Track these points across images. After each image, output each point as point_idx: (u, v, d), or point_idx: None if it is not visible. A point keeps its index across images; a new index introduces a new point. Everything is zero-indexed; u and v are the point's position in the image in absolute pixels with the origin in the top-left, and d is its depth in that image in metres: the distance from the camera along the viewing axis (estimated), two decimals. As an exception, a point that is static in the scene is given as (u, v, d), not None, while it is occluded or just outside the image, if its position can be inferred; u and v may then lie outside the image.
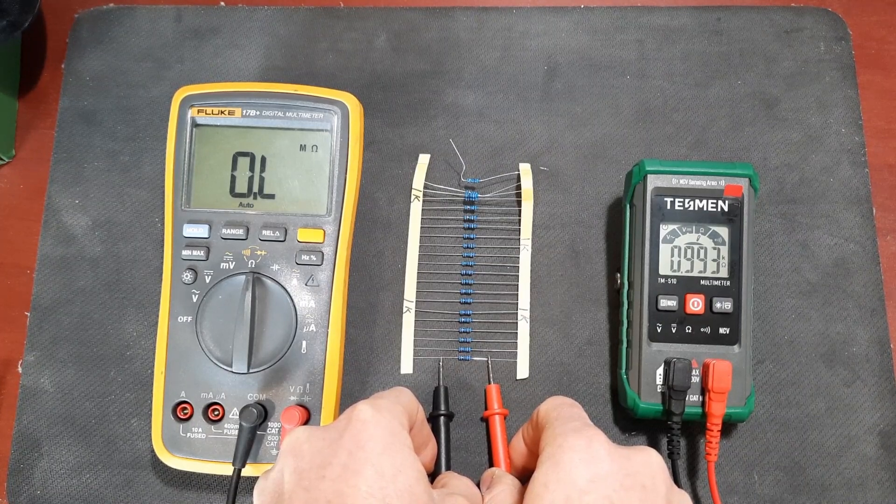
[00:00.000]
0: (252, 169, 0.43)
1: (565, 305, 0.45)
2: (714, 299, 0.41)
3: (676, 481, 0.39)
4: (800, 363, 0.44)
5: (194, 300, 0.42)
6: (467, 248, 0.46)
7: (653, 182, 0.41)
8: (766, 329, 0.45)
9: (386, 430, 0.30)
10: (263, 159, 0.43)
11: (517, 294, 0.45)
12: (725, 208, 0.41)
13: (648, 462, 0.30)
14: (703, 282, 0.41)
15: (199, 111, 0.43)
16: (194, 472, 0.43)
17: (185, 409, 0.41)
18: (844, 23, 0.49)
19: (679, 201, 0.41)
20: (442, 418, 0.42)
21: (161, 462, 0.41)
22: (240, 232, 0.42)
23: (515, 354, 0.45)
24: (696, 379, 0.40)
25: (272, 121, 0.43)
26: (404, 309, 0.45)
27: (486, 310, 0.45)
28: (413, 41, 0.50)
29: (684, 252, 0.41)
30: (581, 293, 0.45)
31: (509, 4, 0.51)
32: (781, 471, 0.43)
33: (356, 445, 0.29)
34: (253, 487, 0.42)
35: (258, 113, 0.43)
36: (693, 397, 0.40)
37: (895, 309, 0.45)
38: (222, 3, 0.51)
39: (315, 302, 0.42)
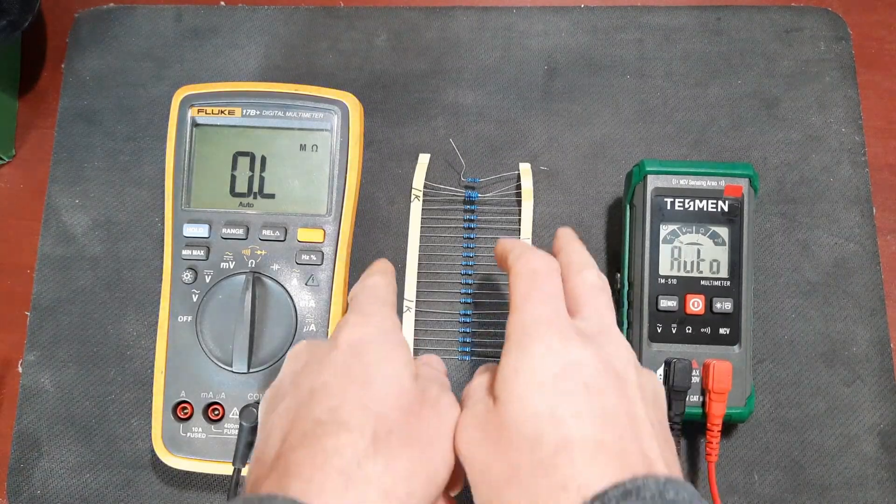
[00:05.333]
0: (252, 168, 0.43)
1: (565, 305, 0.45)
2: (714, 299, 0.41)
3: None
4: (800, 363, 0.44)
5: (194, 300, 0.42)
6: (467, 247, 0.46)
7: (653, 182, 0.41)
8: (767, 329, 0.45)
9: (377, 329, 0.31)
10: (263, 159, 0.43)
11: (517, 294, 0.45)
12: (725, 208, 0.41)
13: (619, 352, 0.30)
14: (703, 282, 0.41)
15: (199, 111, 0.43)
16: (194, 472, 0.43)
17: (185, 408, 0.41)
18: (844, 22, 0.49)
19: (679, 201, 0.41)
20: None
21: (161, 462, 0.41)
22: (240, 232, 0.42)
23: (515, 354, 0.44)
24: (696, 379, 0.40)
25: (272, 120, 0.43)
26: (404, 309, 0.45)
27: (486, 310, 0.45)
28: (413, 41, 0.50)
29: (684, 252, 0.41)
30: (581, 293, 0.45)
31: (509, 4, 0.51)
32: (781, 470, 0.43)
33: (348, 345, 0.30)
34: (253, 487, 0.43)
35: (258, 112, 0.43)
36: (693, 397, 0.40)
37: (895, 309, 0.45)
38: (222, 3, 0.51)
39: (315, 301, 0.42)
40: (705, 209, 0.41)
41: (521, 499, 0.26)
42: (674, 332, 0.41)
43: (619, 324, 0.43)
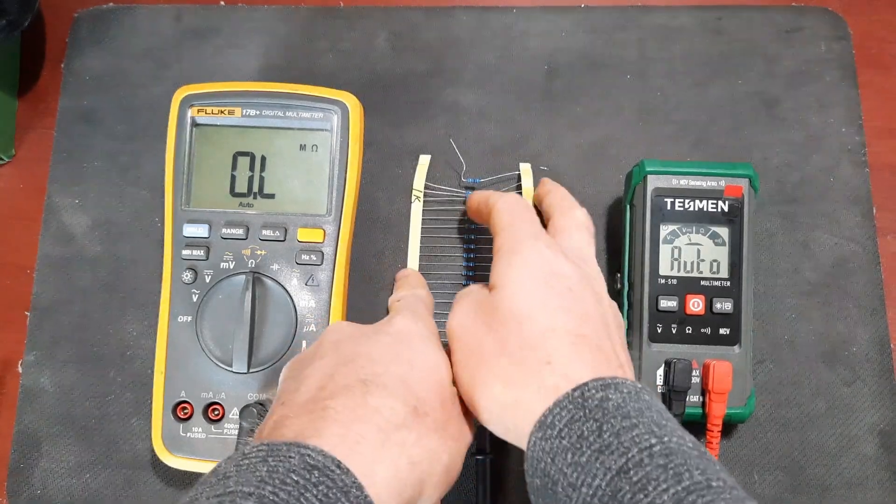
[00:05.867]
0: (252, 168, 0.43)
1: (565, 305, 0.45)
2: (714, 300, 0.41)
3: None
4: (800, 363, 0.44)
5: (194, 300, 0.42)
6: (467, 248, 0.46)
7: (653, 183, 0.41)
8: (767, 329, 0.45)
9: (426, 328, 0.33)
10: (263, 159, 0.43)
11: (517, 294, 0.45)
12: (726, 209, 0.41)
13: (596, 277, 0.33)
14: (703, 282, 0.41)
15: (199, 111, 0.43)
16: (194, 472, 0.43)
17: (185, 408, 0.41)
18: (845, 22, 0.49)
19: (679, 202, 0.41)
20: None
21: (161, 462, 0.41)
22: (240, 232, 0.42)
23: (515, 354, 0.44)
24: (696, 379, 0.40)
25: (272, 120, 0.43)
26: (404, 309, 0.45)
27: (487, 310, 0.45)
28: (413, 41, 0.50)
29: (685, 252, 0.41)
30: (581, 293, 0.45)
31: (509, 4, 0.50)
32: (781, 470, 0.43)
33: (397, 331, 0.32)
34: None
35: (258, 112, 0.43)
36: (693, 398, 0.40)
37: (895, 309, 0.45)
38: (222, 3, 0.51)
39: (315, 301, 0.42)
40: (705, 209, 0.41)
41: (507, 368, 0.29)
42: (674, 332, 0.41)
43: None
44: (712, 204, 0.41)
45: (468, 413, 0.32)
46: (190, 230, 0.42)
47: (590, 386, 0.26)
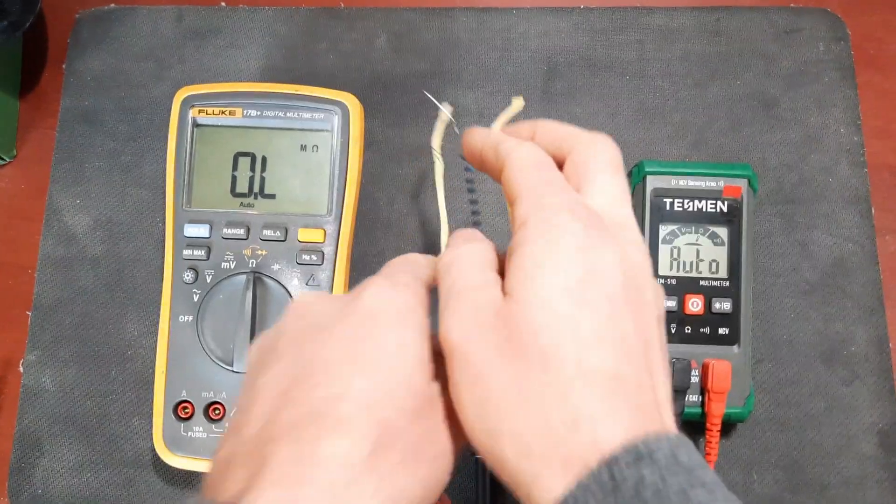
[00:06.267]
0: (253, 169, 0.43)
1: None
2: (713, 300, 0.41)
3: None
4: (799, 363, 0.44)
5: (195, 299, 0.42)
6: (475, 223, 0.46)
7: (652, 183, 0.42)
8: (766, 329, 0.45)
9: (402, 301, 0.26)
10: (264, 159, 0.43)
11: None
12: (724, 209, 0.42)
13: (640, 259, 0.26)
14: (702, 282, 0.41)
15: (199, 111, 0.43)
16: (195, 472, 0.43)
17: (185, 408, 0.41)
18: (843, 23, 0.49)
19: (678, 202, 0.42)
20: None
21: (162, 461, 0.41)
22: (240, 232, 0.42)
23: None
24: (695, 379, 0.40)
25: (273, 121, 0.43)
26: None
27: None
28: (413, 42, 0.50)
29: (684, 253, 0.41)
30: (581, 293, 0.45)
31: (509, 5, 0.51)
32: (781, 470, 0.43)
33: (365, 315, 0.26)
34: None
35: (259, 113, 0.43)
36: (692, 397, 0.40)
37: (894, 308, 0.45)
38: (223, 4, 0.52)
39: (315, 302, 0.42)
40: (704, 210, 0.42)
41: (523, 431, 0.23)
42: (673, 332, 0.41)
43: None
44: (711, 204, 0.42)
45: (455, 416, 0.26)
46: (191, 230, 0.42)
47: (620, 461, 0.21)
